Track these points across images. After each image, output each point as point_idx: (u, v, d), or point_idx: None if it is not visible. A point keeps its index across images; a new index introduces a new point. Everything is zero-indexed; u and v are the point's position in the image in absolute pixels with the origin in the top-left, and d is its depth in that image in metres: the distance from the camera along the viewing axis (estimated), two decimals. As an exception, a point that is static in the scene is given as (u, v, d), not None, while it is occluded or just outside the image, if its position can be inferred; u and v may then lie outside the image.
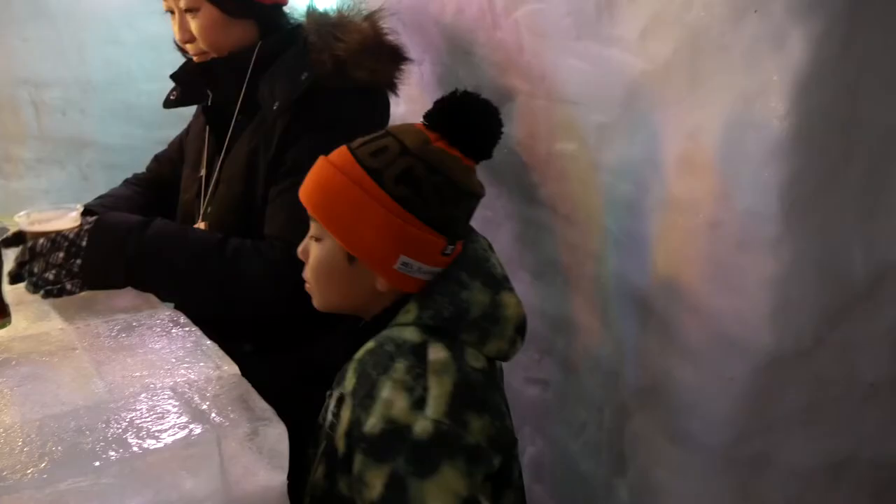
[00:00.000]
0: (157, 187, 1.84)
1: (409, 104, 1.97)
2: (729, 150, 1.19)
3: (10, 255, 1.43)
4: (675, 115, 1.28)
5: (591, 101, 1.44)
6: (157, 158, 1.91)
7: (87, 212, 1.53)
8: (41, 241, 1.41)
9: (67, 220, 1.44)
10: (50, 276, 1.40)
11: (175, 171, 1.82)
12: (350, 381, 1.12)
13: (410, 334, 1.13)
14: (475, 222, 1.25)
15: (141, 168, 1.89)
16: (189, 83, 1.69)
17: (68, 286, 1.41)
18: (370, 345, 1.14)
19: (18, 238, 1.45)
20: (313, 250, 1.22)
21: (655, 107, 1.31)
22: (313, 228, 1.21)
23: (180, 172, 1.78)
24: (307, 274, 1.24)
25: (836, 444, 1.28)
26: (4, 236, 1.45)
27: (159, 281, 1.44)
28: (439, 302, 1.15)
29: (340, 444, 1.10)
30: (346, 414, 1.10)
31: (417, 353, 1.10)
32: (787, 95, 1.11)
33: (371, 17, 1.58)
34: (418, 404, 1.05)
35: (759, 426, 1.28)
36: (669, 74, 1.27)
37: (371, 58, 1.53)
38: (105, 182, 1.91)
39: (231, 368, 1.16)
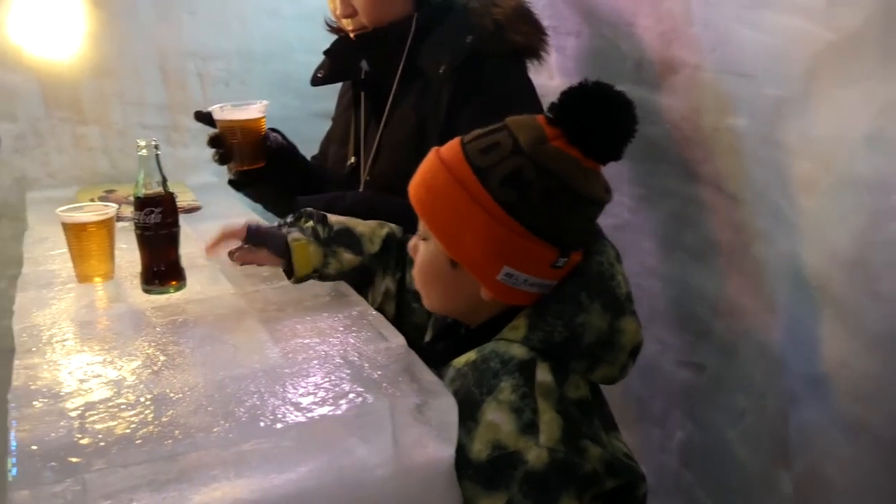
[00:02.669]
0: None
1: (563, 77, 1.93)
2: (927, 127, 1.11)
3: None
4: (864, 89, 1.20)
5: (767, 74, 1.37)
6: (322, 151, 1.90)
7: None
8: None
9: (253, 110, 1.61)
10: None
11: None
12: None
13: (517, 350, 1.05)
14: (627, 200, 1.20)
15: (297, 138, 1.92)
16: (340, 59, 1.71)
17: None
18: (472, 355, 1.08)
19: (210, 120, 1.61)
20: (421, 249, 1.16)
21: (842, 81, 1.23)
22: (420, 226, 1.15)
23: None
24: (414, 272, 1.19)
25: None
26: (198, 110, 1.65)
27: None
28: (552, 324, 1.06)
29: None
30: None
31: (524, 371, 1.03)
32: None
33: None
34: (528, 428, 0.99)
35: (945, 423, 1.20)
36: (859, 45, 1.19)
37: (525, 23, 1.58)
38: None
39: (398, 339, 1.18)
